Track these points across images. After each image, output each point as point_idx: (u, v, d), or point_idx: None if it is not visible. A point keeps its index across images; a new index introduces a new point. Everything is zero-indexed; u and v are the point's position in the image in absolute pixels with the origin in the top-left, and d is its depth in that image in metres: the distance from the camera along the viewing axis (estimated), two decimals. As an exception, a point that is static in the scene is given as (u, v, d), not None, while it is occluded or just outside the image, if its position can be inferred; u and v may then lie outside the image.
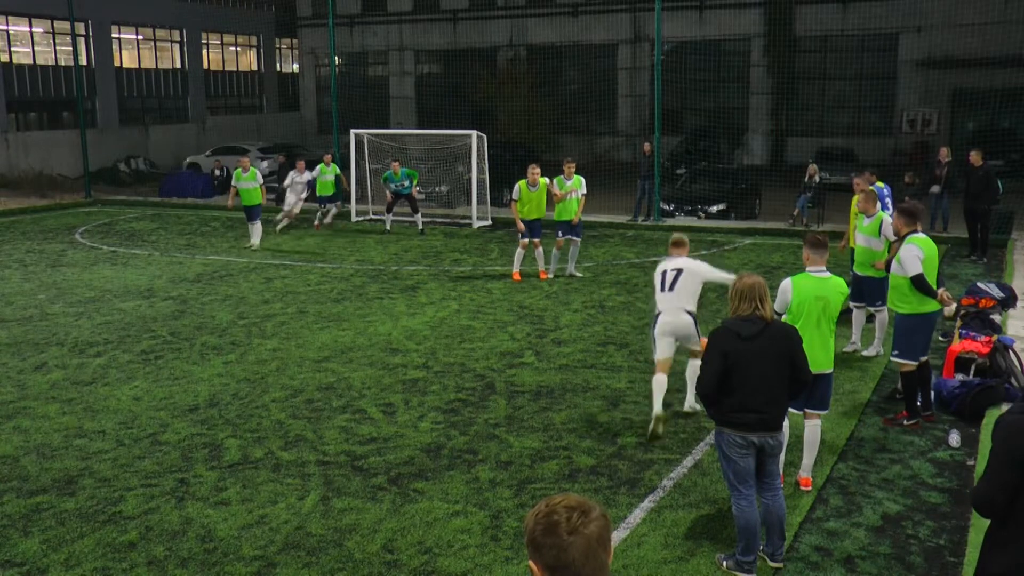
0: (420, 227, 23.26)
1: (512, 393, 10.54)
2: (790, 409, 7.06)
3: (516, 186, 16.80)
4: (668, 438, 9.12)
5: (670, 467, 8.43)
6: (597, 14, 42.42)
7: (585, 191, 16.79)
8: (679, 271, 9.68)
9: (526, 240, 16.87)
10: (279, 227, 23.56)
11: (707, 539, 7.06)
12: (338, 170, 24.21)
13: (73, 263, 19.57)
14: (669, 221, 24.02)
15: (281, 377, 11.24)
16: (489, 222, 24.35)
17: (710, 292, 15.58)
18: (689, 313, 9.53)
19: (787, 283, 7.82)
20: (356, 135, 25.79)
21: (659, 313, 9.58)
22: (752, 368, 6.30)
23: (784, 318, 7.60)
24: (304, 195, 23.78)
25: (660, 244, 21.00)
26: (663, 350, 9.46)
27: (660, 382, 9.24)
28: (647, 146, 24.60)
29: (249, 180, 20.90)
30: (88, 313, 14.80)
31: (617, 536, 7.02)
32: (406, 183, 22.65)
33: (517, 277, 16.99)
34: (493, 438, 9.15)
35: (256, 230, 21.20)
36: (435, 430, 9.39)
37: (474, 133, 24.10)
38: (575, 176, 16.68)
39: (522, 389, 10.68)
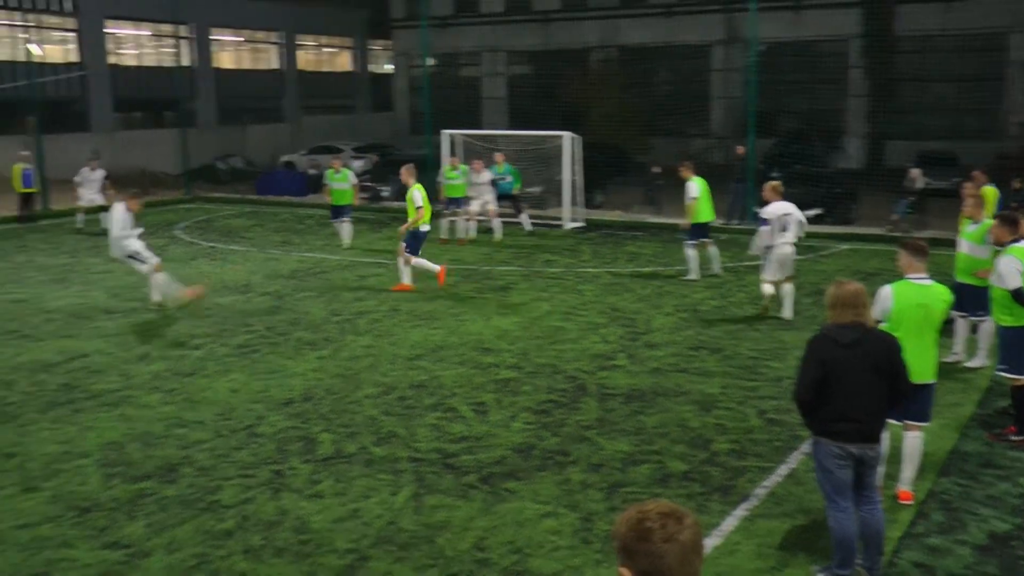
0: (528, 227, 23.11)
1: (603, 395, 10.51)
2: (889, 420, 6.89)
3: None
4: (762, 445, 9.00)
5: (764, 475, 8.31)
6: (690, 15, 42.06)
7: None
8: (789, 214, 13.77)
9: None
10: (462, 234, 22.06)
11: (802, 550, 6.94)
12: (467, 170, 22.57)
13: (173, 258, 20.07)
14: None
15: (374, 374, 11.38)
16: (582, 223, 24.31)
17: (805, 298, 15.34)
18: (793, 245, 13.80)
19: (887, 290, 7.63)
20: (448, 135, 25.95)
21: (775, 246, 13.67)
22: (851, 376, 6.17)
23: (883, 326, 7.42)
24: (490, 196, 22.07)
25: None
26: (773, 274, 13.83)
27: (770, 289, 13.91)
28: (740, 149, 24.29)
29: (341, 180, 21.20)
30: (188, 307, 15.18)
31: (709, 544, 6.94)
32: (509, 178, 22.56)
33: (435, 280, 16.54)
34: (584, 440, 9.13)
35: (344, 229, 21.53)
36: (526, 430, 9.40)
37: (567, 134, 24.06)
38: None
39: (614, 392, 10.64)
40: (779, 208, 13.86)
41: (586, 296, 15.78)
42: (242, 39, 53.18)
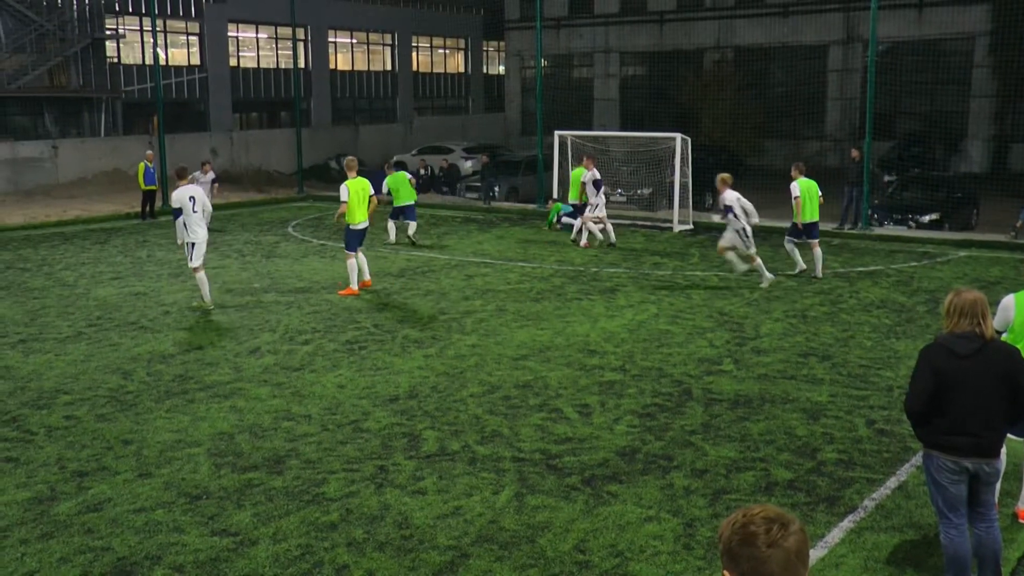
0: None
1: (709, 400, 10.37)
2: (1008, 436, 6.61)
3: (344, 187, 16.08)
4: (870, 456, 8.75)
5: (872, 487, 8.08)
6: (808, 14, 41.22)
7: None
8: (738, 200, 16.13)
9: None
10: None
11: (911, 566, 6.72)
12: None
13: (285, 255, 20.58)
14: (877, 230, 23.09)
15: (479, 373, 11.45)
16: (691, 226, 24.06)
17: (920, 306, 14.90)
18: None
19: (1009, 299, 7.34)
20: (559, 136, 25.97)
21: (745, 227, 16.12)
22: (968, 388, 5.93)
23: (1005, 337, 7.13)
24: (598, 199, 21.23)
25: (867, 253, 20.23)
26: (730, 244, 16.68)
27: (733, 256, 16.85)
28: (855, 152, 23.70)
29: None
30: (298, 303, 15.52)
31: (814, 555, 6.78)
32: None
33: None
34: (689, 445, 9.02)
35: (411, 227, 22.11)
36: (630, 433, 9.34)
37: (678, 136, 23.85)
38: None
39: (719, 397, 10.49)
40: (733, 195, 16.11)
41: (694, 300, 15.61)
42: (357, 40, 54.16)
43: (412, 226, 21.98)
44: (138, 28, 43.90)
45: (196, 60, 46.38)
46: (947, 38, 37.79)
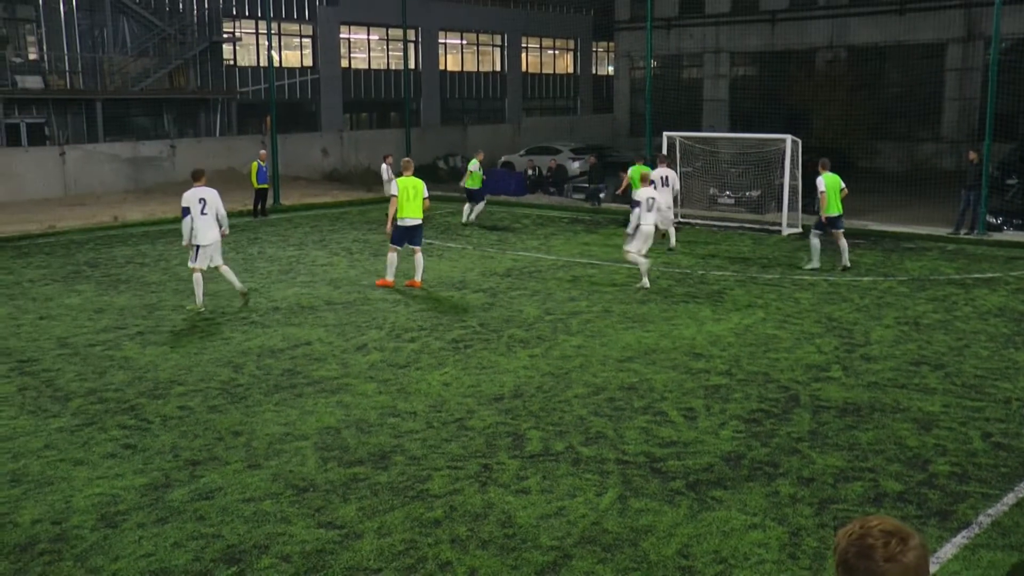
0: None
1: (817, 408, 10.16)
2: None
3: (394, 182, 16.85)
4: (986, 470, 8.46)
5: (988, 503, 7.80)
6: (926, 11, 40.00)
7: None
8: (654, 198, 16.55)
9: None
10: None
11: (1031, 583, 6.48)
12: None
13: (394, 253, 20.84)
14: (996, 236, 22.29)
15: (584, 374, 11.43)
16: (799, 229, 23.59)
17: (1043, 315, 14.34)
18: None
19: None
20: (668, 137, 25.76)
21: (641, 224, 16.24)
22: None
23: None
24: (665, 200, 20.61)
25: (984, 260, 19.56)
26: (638, 248, 16.57)
27: (637, 258, 16.66)
28: (972, 154, 22.93)
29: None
30: (404, 300, 15.72)
31: (927, 569, 6.57)
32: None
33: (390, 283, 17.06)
34: (795, 452, 8.85)
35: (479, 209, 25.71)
36: (736, 439, 9.21)
37: (788, 138, 23.43)
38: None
39: (827, 404, 10.27)
40: (649, 192, 16.47)
41: (802, 304, 15.31)
42: (467, 41, 54.64)
43: (477, 207, 25.65)
44: (253, 31, 45.10)
45: (308, 62, 47.40)
46: (1078, 34, 36.20)
